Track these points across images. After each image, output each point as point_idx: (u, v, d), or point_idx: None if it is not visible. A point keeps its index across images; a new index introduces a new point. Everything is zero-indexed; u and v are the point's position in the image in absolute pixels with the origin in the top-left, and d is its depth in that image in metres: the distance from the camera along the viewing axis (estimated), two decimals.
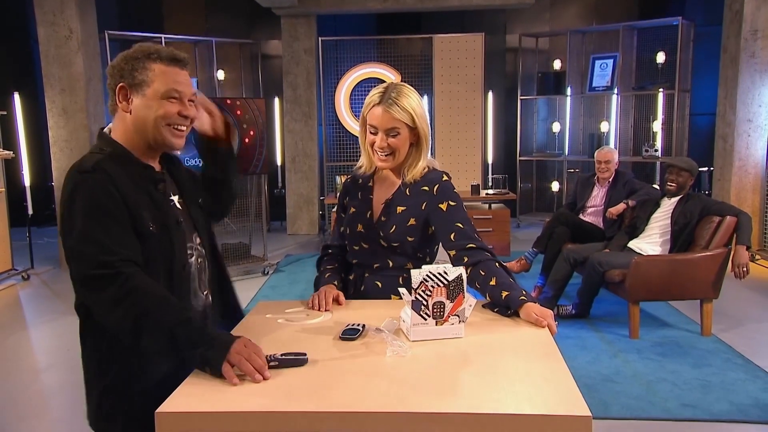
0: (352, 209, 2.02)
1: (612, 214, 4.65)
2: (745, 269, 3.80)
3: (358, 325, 1.65)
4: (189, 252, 1.61)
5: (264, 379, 1.34)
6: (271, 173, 7.88)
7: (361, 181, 2.04)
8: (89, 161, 1.47)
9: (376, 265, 1.96)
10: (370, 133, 1.88)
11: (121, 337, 1.42)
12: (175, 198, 1.64)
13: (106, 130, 1.59)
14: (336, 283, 2.00)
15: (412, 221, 1.92)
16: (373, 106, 1.85)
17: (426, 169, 1.95)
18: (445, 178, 1.94)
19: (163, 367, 1.48)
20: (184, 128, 1.58)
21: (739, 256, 3.81)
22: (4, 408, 3.21)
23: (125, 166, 1.51)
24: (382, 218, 1.95)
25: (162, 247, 1.51)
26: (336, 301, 1.88)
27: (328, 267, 2.07)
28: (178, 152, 1.68)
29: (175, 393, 1.30)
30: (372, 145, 1.88)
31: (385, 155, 1.88)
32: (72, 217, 1.42)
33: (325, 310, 1.81)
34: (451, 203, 1.90)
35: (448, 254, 1.90)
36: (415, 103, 1.85)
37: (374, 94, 1.87)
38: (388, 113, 1.82)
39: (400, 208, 1.94)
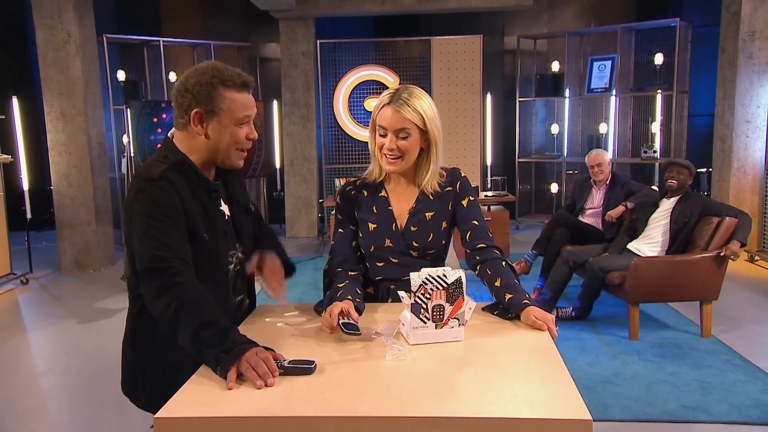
0: (372, 225, 1.91)
1: (611, 218, 4.65)
2: (732, 257, 3.81)
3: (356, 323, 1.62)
4: (230, 260, 1.74)
5: (267, 386, 1.34)
6: (270, 176, 7.88)
7: (367, 192, 1.93)
8: (155, 170, 1.59)
9: (405, 278, 1.82)
10: (380, 135, 1.83)
11: (163, 326, 1.54)
12: (225, 207, 1.76)
13: (170, 135, 1.70)
14: (351, 297, 1.74)
15: (444, 224, 1.92)
16: (383, 106, 1.81)
17: (443, 176, 1.92)
18: (463, 174, 1.96)
19: None
20: (247, 148, 1.71)
21: (733, 245, 3.80)
22: (3, 411, 3.20)
23: (185, 176, 1.64)
24: (411, 228, 1.89)
25: (209, 254, 1.66)
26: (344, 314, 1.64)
27: (339, 285, 1.80)
28: None
29: (173, 398, 1.30)
30: (381, 148, 1.83)
31: (394, 158, 1.82)
32: (134, 220, 1.57)
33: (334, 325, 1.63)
34: (471, 198, 1.93)
35: (465, 251, 1.93)
36: (426, 105, 1.81)
37: (384, 95, 1.83)
38: (398, 113, 1.78)
39: (428, 214, 1.90)
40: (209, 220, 1.66)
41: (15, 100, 6.05)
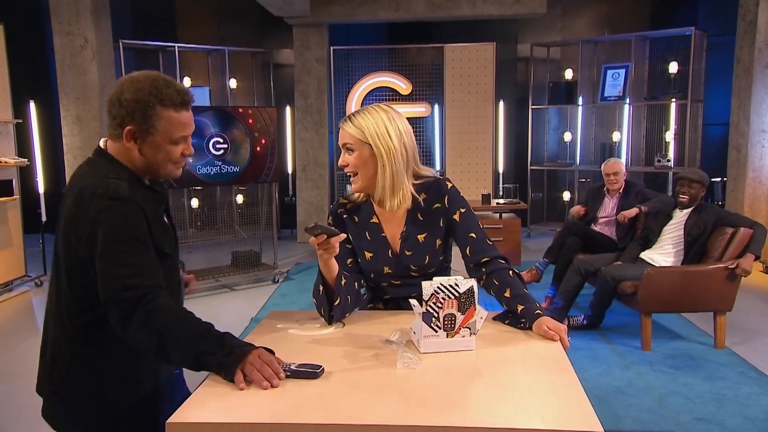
0: (368, 254, 1.92)
1: (624, 217, 4.58)
2: (743, 275, 3.80)
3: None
4: (179, 268, 1.74)
5: (272, 386, 1.35)
6: (282, 181, 7.92)
7: (358, 218, 1.94)
8: (120, 189, 1.49)
9: (413, 295, 1.79)
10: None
11: (147, 354, 1.49)
12: (165, 216, 1.69)
13: (102, 144, 1.61)
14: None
15: (438, 242, 1.90)
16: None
17: (423, 195, 1.87)
18: (450, 184, 1.91)
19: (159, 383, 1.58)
20: (183, 162, 1.65)
21: (745, 262, 3.78)
22: (15, 414, 3.23)
23: (140, 191, 1.57)
24: (407, 252, 1.89)
25: (171, 268, 1.65)
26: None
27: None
28: None
29: (185, 404, 1.31)
30: None
31: (350, 175, 1.86)
32: (110, 240, 1.46)
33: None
34: (462, 210, 1.89)
35: (466, 266, 1.90)
36: (371, 121, 1.79)
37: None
38: (342, 129, 1.84)
39: (421, 237, 1.89)
40: (166, 235, 1.62)
41: (32, 105, 6.12)
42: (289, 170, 8.03)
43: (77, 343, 1.56)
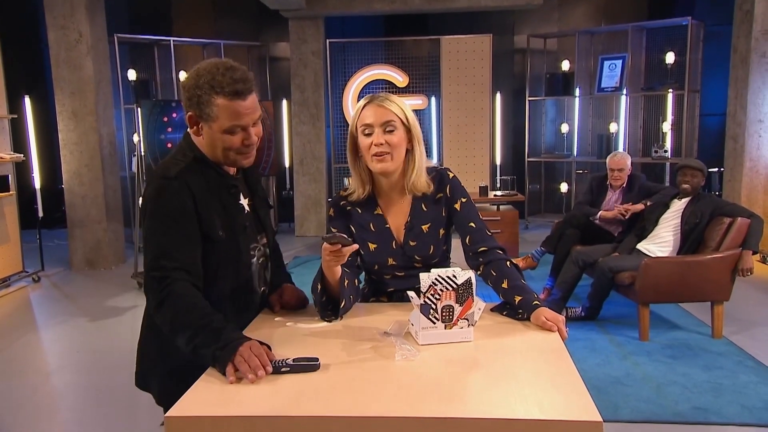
0: (372, 245, 1.91)
1: (627, 210, 4.56)
2: (749, 274, 3.82)
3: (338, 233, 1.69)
4: (252, 253, 1.75)
5: (257, 377, 1.36)
6: (279, 175, 7.91)
7: (361, 210, 1.93)
8: (173, 168, 1.59)
9: (417, 286, 1.76)
10: (365, 135, 1.80)
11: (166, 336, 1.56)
12: (245, 201, 1.75)
13: (188, 129, 1.69)
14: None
15: (441, 231, 1.91)
16: (364, 107, 1.81)
17: (431, 183, 1.89)
18: (451, 174, 1.93)
19: None
20: (249, 151, 1.65)
21: (744, 261, 3.79)
22: (14, 410, 3.23)
23: (203, 172, 1.64)
24: (411, 243, 1.89)
25: (229, 251, 1.67)
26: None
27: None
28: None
29: (184, 397, 1.31)
30: (368, 148, 1.79)
31: (383, 153, 1.78)
32: (148, 217, 1.59)
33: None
34: (463, 200, 1.91)
35: (465, 254, 1.91)
36: (404, 105, 1.85)
37: (362, 101, 1.84)
38: (381, 107, 1.79)
39: (425, 227, 1.89)
40: (227, 217, 1.66)
41: (27, 100, 6.09)
42: (287, 164, 8.02)
43: (147, 312, 1.71)
